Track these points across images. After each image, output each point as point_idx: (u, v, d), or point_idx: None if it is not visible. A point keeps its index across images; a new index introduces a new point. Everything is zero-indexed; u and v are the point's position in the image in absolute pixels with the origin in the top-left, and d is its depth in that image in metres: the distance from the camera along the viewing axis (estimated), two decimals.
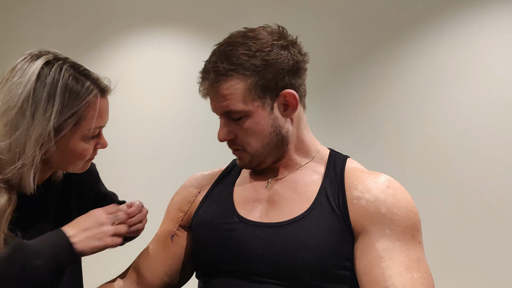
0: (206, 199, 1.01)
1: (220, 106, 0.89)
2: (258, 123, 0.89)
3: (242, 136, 0.91)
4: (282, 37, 0.91)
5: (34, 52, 0.90)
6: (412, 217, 0.83)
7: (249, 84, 0.86)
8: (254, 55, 0.86)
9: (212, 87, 0.88)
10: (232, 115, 0.89)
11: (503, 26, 2.15)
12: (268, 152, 0.93)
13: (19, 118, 0.84)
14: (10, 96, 0.84)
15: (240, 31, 0.92)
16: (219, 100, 0.89)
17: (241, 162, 0.96)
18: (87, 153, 0.95)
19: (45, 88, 0.85)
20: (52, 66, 0.87)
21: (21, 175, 0.85)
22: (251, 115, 0.88)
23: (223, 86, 0.87)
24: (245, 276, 0.86)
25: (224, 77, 0.86)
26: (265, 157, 0.93)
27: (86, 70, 0.92)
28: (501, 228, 2.11)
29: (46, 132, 0.85)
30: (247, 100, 0.87)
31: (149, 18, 2.84)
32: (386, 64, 2.37)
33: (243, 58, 0.86)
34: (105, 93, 0.94)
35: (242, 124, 0.89)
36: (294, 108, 0.92)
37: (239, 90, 0.86)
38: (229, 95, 0.87)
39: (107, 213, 0.92)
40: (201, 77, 0.90)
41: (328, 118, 2.44)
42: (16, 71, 0.87)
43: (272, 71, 0.87)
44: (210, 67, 0.88)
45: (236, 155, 0.97)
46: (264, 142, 0.91)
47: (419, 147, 2.28)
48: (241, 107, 0.87)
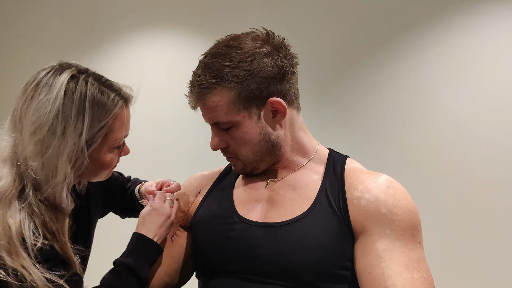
0: (206, 199, 1.01)
1: (208, 117, 0.92)
2: (246, 132, 0.90)
3: (232, 145, 0.93)
4: (266, 43, 0.90)
5: (55, 66, 0.89)
6: (412, 217, 0.82)
7: (233, 96, 0.87)
8: (237, 66, 0.86)
9: (198, 100, 0.91)
10: (220, 125, 0.91)
11: (503, 27, 2.15)
12: (259, 159, 0.94)
13: (50, 136, 0.83)
14: (39, 115, 0.83)
15: (225, 39, 0.92)
16: (207, 112, 0.91)
17: (236, 168, 0.99)
18: (113, 163, 0.95)
19: (74, 104, 0.84)
20: (78, 80, 0.86)
21: (55, 192, 0.84)
22: (238, 125, 0.90)
23: (209, 99, 0.88)
24: (245, 276, 0.86)
25: (208, 91, 0.88)
26: (258, 163, 0.95)
27: (109, 81, 0.92)
28: (503, 229, 2.10)
29: (78, 148, 0.84)
30: (232, 112, 0.88)
31: (150, 19, 2.84)
32: (386, 65, 2.37)
33: (225, 71, 0.86)
34: (128, 103, 0.95)
35: (232, 133, 0.91)
36: (283, 114, 0.91)
37: (224, 101, 0.88)
38: (215, 107, 0.88)
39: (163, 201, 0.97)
40: (189, 89, 0.93)
41: (328, 118, 2.43)
42: (42, 87, 0.85)
43: (256, 81, 0.87)
44: (195, 81, 0.90)
45: (230, 162, 1.00)
46: (255, 150, 0.92)
47: (419, 147, 2.27)
48: (228, 119, 0.89)
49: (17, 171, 0.84)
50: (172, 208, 0.97)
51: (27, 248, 0.79)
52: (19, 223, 0.80)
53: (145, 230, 0.93)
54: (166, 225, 0.95)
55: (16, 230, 0.79)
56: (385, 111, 2.35)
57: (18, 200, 0.82)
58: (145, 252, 0.91)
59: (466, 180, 2.18)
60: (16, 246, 0.78)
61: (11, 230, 0.78)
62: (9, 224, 0.79)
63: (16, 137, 0.85)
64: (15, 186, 0.83)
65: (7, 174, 0.84)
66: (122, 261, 0.89)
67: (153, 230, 0.93)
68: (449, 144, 2.21)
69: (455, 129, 2.21)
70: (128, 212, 1.32)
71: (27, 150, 0.83)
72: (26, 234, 0.79)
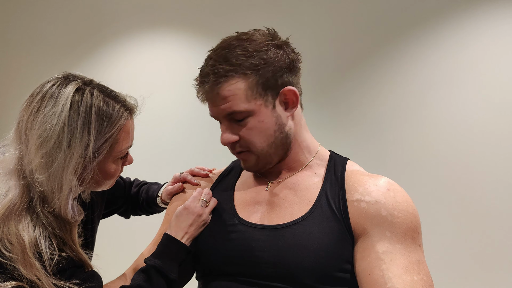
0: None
1: (221, 109, 0.88)
2: (262, 121, 0.88)
3: (246, 137, 0.89)
4: (274, 38, 0.91)
5: (60, 78, 0.88)
6: (413, 220, 0.83)
7: (250, 83, 0.86)
8: (252, 55, 0.86)
9: (212, 90, 0.87)
10: (235, 116, 0.88)
11: (503, 27, 2.15)
12: (274, 151, 0.92)
13: (56, 149, 0.83)
14: (45, 128, 0.83)
15: (232, 36, 0.92)
16: (220, 102, 0.88)
17: (247, 164, 0.95)
18: (117, 173, 0.96)
19: (80, 117, 0.84)
20: (83, 93, 0.86)
21: (60, 204, 0.85)
22: (254, 114, 0.88)
23: (224, 87, 0.86)
24: (245, 278, 0.86)
25: (225, 78, 0.86)
26: (272, 156, 0.93)
27: (113, 92, 0.92)
28: (503, 229, 2.10)
29: (84, 161, 0.85)
30: (249, 99, 0.87)
31: (151, 20, 2.84)
32: (386, 65, 2.37)
33: (241, 59, 0.86)
34: (133, 114, 0.95)
35: (245, 124, 0.89)
36: (295, 105, 0.92)
37: (240, 90, 0.86)
38: (231, 96, 0.86)
39: (197, 202, 0.97)
40: (199, 81, 0.90)
41: (329, 119, 2.44)
42: (47, 100, 0.85)
43: (271, 69, 0.87)
44: (209, 70, 0.87)
45: (240, 158, 0.95)
46: (270, 141, 0.90)
47: (420, 149, 2.28)
48: (244, 107, 0.87)
49: (23, 183, 0.85)
50: (205, 208, 0.96)
51: (42, 260, 0.80)
52: (33, 236, 0.81)
53: (175, 229, 0.94)
54: (197, 223, 0.95)
55: (29, 242, 0.80)
56: (385, 112, 2.35)
57: (27, 212, 0.83)
58: (174, 253, 0.92)
59: (467, 181, 2.18)
60: (30, 257, 0.79)
61: (25, 243, 0.79)
62: (22, 236, 0.80)
63: (22, 149, 0.86)
64: (23, 198, 0.84)
65: (15, 186, 0.84)
66: (151, 262, 0.91)
67: (182, 228, 0.94)
68: (449, 145, 2.21)
69: (455, 130, 2.21)
70: (132, 213, 1.33)
71: (33, 163, 0.83)
72: (42, 249, 0.81)
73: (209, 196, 0.98)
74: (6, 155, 0.88)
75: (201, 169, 1.13)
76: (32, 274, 0.79)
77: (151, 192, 1.26)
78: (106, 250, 1.26)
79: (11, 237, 0.79)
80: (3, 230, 0.80)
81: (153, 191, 1.25)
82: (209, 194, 0.98)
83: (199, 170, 1.13)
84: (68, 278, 0.83)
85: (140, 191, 1.29)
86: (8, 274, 0.79)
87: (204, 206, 0.97)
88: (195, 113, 2.69)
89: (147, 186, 1.29)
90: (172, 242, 0.93)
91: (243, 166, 0.96)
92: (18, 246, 0.79)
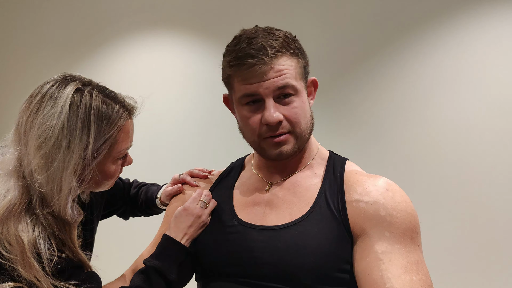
0: None
1: (275, 82, 0.85)
2: (304, 102, 0.90)
3: (292, 116, 0.88)
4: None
5: (59, 79, 0.88)
6: (411, 220, 0.83)
7: (298, 63, 0.89)
8: (293, 40, 0.90)
9: (267, 63, 0.85)
10: (286, 90, 0.87)
11: (505, 28, 2.15)
12: (307, 137, 0.93)
13: (55, 150, 0.83)
14: (44, 128, 0.83)
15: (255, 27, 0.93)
16: (275, 75, 0.85)
17: (285, 148, 0.90)
18: (117, 174, 0.96)
19: (79, 117, 0.84)
20: (82, 94, 0.86)
21: (60, 205, 0.85)
22: (298, 94, 0.89)
23: (280, 61, 0.86)
24: (244, 279, 0.86)
25: (280, 53, 0.86)
26: (305, 141, 0.93)
27: (113, 93, 0.92)
28: (505, 230, 2.10)
29: (83, 161, 0.85)
30: (298, 78, 0.88)
31: (150, 21, 2.84)
32: (387, 66, 2.37)
33: (286, 41, 0.88)
34: (132, 114, 0.95)
35: (291, 103, 0.88)
36: (313, 97, 0.96)
37: (292, 66, 0.87)
38: (285, 69, 0.86)
39: (196, 203, 0.97)
40: (251, 54, 0.85)
41: (330, 120, 2.44)
42: (46, 101, 0.85)
43: (305, 59, 0.92)
44: (264, 44, 0.86)
45: (280, 141, 0.89)
46: (308, 124, 0.91)
47: (422, 149, 2.28)
48: (295, 83, 0.87)
49: (23, 183, 0.85)
50: (204, 209, 0.97)
51: (41, 261, 0.80)
52: (32, 237, 0.81)
53: (175, 230, 0.95)
54: (196, 225, 0.95)
55: (29, 243, 0.80)
56: (386, 113, 2.35)
57: (26, 213, 0.83)
58: (173, 254, 0.93)
59: (469, 182, 2.18)
60: (29, 258, 0.79)
61: (24, 243, 0.79)
62: (22, 237, 0.80)
63: (21, 150, 0.86)
64: (23, 199, 0.84)
65: (14, 187, 0.84)
66: (150, 263, 0.91)
67: (182, 230, 0.94)
68: (451, 146, 2.21)
69: (458, 130, 2.21)
70: (131, 214, 1.33)
71: (33, 164, 0.83)
72: (41, 250, 0.81)
73: (208, 197, 0.98)
74: (6, 156, 0.88)
75: (200, 170, 1.13)
76: (31, 275, 0.79)
77: (150, 193, 1.26)
78: (105, 251, 1.26)
79: (10, 238, 0.79)
80: (2, 231, 0.80)
81: (152, 192, 1.25)
82: (208, 196, 0.99)
83: (198, 171, 1.13)
84: (67, 279, 0.83)
85: (139, 192, 1.29)
86: (7, 275, 0.79)
87: (204, 208, 0.97)
88: (195, 113, 2.69)
89: (146, 187, 1.29)
90: (172, 243, 0.93)
91: (278, 152, 0.90)
92: (17, 247, 0.79)
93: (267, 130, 0.88)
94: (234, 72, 0.88)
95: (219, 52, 0.98)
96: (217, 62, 0.96)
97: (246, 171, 1.05)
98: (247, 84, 0.87)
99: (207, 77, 2.63)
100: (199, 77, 2.67)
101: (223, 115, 2.59)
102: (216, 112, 2.62)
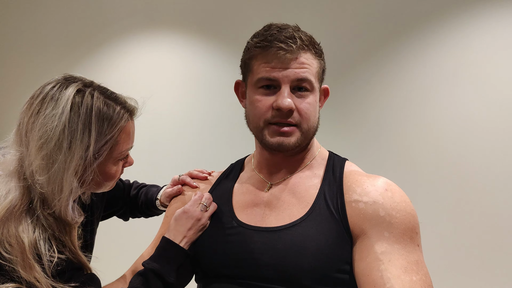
0: None
1: (295, 73, 0.88)
2: (316, 102, 0.93)
3: (304, 110, 0.89)
4: None
5: (60, 79, 0.88)
6: (411, 220, 0.83)
7: (319, 64, 0.93)
8: (317, 43, 0.94)
9: (294, 51, 0.88)
10: (303, 83, 0.89)
11: (505, 27, 2.15)
12: (311, 136, 0.95)
13: (56, 151, 0.83)
14: (45, 130, 0.83)
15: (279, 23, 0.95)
16: (297, 66, 0.88)
17: (288, 140, 0.90)
18: (118, 174, 0.96)
19: (80, 119, 0.84)
20: (84, 95, 0.86)
21: (61, 206, 0.85)
22: (313, 92, 0.91)
23: (305, 55, 0.89)
24: (244, 280, 0.86)
25: (307, 47, 0.90)
26: (308, 140, 0.95)
27: (114, 94, 0.92)
28: (505, 230, 2.10)
29: (84, 162, 0.85)
30: (316, 77, 0.91)
31: (150, 21, 2.84)
32: (388, 66, 2.37)
33: (313, 40, 0.92)
34: (133, 115, 0.95)
35: (305, 97, 0.90)
36: (321, 105, 0.98)
37: (314, 65, 0.91)
38: (308, 65, 0.89)
39: (196, 205, 0.97)
40: (281, 40, 0.88)
41: (329, 119, 2.43)
42: (48, 102, 0.85)
43: (324, 64, 0.96)
44: (295, 35, 0.89)
45: (285, 131, 0.89)
46: (315, 124, 0.94)
47: (422, 149, 2.28)
48: (314, 80, 0.91)
49: (24, 184, 0.85)
50: (205, 212, 0.97)
51: (41, 262, 0.80)
52: (32, 238, 0.81)
53: (174, 232, 0.95)
54: (196, 228, 0.95)
55: (29, 244, 0.80)
56: (387, 113, 2.35)
57: (27, 214, 0.83)
58: (172, 256, 0.93)
59: (469, 182, 2.18)
60: (29, 259, 0.79)
61: (24, 244, 0.80)
62: (22, 238, 0.80)
63: (22, 151, 0.86)
64: (23, 200, 0.84)
65: (15, 188, 0.84)
66: (149, 265, 0.91)
67: (181, 232, 0.94)
68: (452, 145, 2.21)
69: (458, 130, 2.21)
70: (131, 215, 1.33)
71: (34, 165, 0.83)
72: (42, 251, 0.81)
73: (209, 200, 0.98)
74: (7, 157, 0.88)
75: (200, 172, 1.13)
76: (31, 276, 0.79)
77: (150, 194, 1.26)
78: (105, 252, 1.26)
79: (11, 239, 0.80)
80: (2, 232, 0.80)
81: (152, 194, 1.25)
82: (209, 199, 0.99)
83: (198, 172, 1.13)
84: (67, 281, 0.83)
85: (139, 193, 1.29)
86: (7, 276, 0.79)
87: (204, 211, 0.97)
88: (195, 114, 2.69)
89: (146, 188, 1.29)
90: (171, 246, 0.93)
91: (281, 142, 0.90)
92: (17, 248, 0.79)
93: (275, 116, 0.89)
94: (259, 53, 0.90)
95: (219, 52, 0.98)
96: (217, 62, 0.96)
97: (245, 172, 1.05)
98: (269, 67, 0.89)
99: (207, 77, 2.63)
100: (199, 77, 2.67)
101: (223, 115, 2.59)
102: (216, 112, 2.62)
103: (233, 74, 2.41)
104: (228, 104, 2.53)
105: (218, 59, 2.58)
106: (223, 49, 2.56)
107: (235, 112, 2.20)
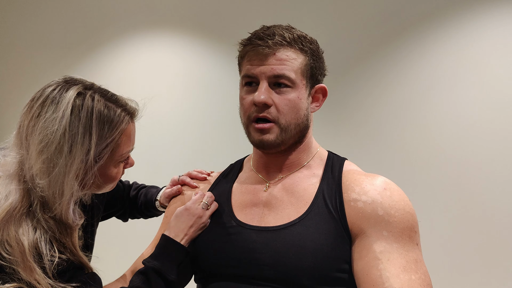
0: None
1: (272, 69, 0.89)
2: (299, 99, 0.91)
3: (281, 105, 0.89)
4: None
5: (61, 82, 0.88)
6: (409, 219, 0.83)
7: (304, 61, 0.91)
8: (310, 41, 0.93)
9: (272, 48, 0.89)
10: (281, 80, 0.89)
11: (505, 27, 2.15)
12: (294, 133, 0.92)
13: (57, 155, 0.83)
14: (46, 133, 0.82)
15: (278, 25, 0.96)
16: (274, 62, 0.89)
17: (267, 136, 0.91)
18: (119, 176, 0.96)
19: (81, 122, 0.84)
20: (84, 97, 0.85)
21: (62, 209, 0.85)
22: (295, 88, 0.90)
23: (284, 52, 0.89)
24: (243, 280, 0.86)
25: (287, 44, 0.89)
26: (290, 137, 0.92)
27: (114, 96, 0.92)
28: (505, 229, 2.10)
29: (85, 166, 0.85)
30: (298, 74, 0.90)
31: (150, 21, 2.84)
32: (387, 66, 2.37)
33: (302, 39, 0.92)
34: (134, 117, 0.95)
35: (284, 93, 0.90)
36: (319, 105, 0.97)
37: (296, 61, 0.90)
38: (287, 61, 0.89)
39: (198, 203, 0.97)
40: (260, 37, 0.90)
41: (329, 119, 2.44)
42: (48, 105, 0.84)
43: (320, 64, 0.95)
44: (276, 32, 0.90)
45: (264, 128, 0.90)
46: (298, 121, 0.92)
47: (422, 148, 2.28)
48: (293, 76, 0.89)
49: (24, 187, 0.85)
50: (206, 211, 0.97)
51: (42, 263, 0.80)
52: (32, 240, 0.81)
53: (175, 230, 0.95)
54: (197, 225, 0.95)
55: (29, 246, 0.80)
56: (387, 113, 2.35)
57: (27, 217, 0.83)
58: (172, 254, 0.93)
59: (468, 181, 2.18)
60: (29, 261, 0.79)
61: (24, 247, 0.80)
62: (22, 240, 0.80)
63: (23, 154, 0.86)
64: (23, 203, 0.84)
65: (15, 191, 0.84)
66: (149, 264, 0.91)
67: (182, 230, 0.94)
68: (451, 145, 2.21)
69: (457, 130, 2.21)
70: (130, 216, 1.33)
71: (34, 168, 0.83)
72: (42, 251, 0.81)
73: (211, 199, 0.99)
74: (7, 159, 0.88)
75: (199, 172, 1.13)
76: (32, 278, 0.79)
77: (150, 195, 1.26)
78: (105, 252, 1.27)
79: (11, 241, 0.80)
80: (3, 234, 0.80)
81: (151, 195, 1.26)
82: (211, 198, 0.99)
83: (197, 173, 1.13)
84: (68, 281, 0.83)
85: (138, 194, 1.29)
86: (8, 277, 0.79)
87: (205, 209, 0.97)
88: (194, 114, 2.69)
89: (145, 189, 1.29)
90: (171, 244, 0.93)
91: (261, 139, 0.91)
92: (17, 250, 0.79)
93: (253, 111, 0.91)
94: (245, 52, 0.93)
95: (219, 53, 0.99)
96: (217, 62, 0.97)
97: (244, 172, 1.05)
98: (249, 64, 0.91)
99: (207, 78, 2.63)
100: (199, 77, 2.67)
101: (223, 116, 2.59)
102: (216, 113, 2.62)
103: (233, 74, 2.41)
104: (228, 104, 2.53)
105: (218, 59, 2.58)
106: (224, 50, 2.56)
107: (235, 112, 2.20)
